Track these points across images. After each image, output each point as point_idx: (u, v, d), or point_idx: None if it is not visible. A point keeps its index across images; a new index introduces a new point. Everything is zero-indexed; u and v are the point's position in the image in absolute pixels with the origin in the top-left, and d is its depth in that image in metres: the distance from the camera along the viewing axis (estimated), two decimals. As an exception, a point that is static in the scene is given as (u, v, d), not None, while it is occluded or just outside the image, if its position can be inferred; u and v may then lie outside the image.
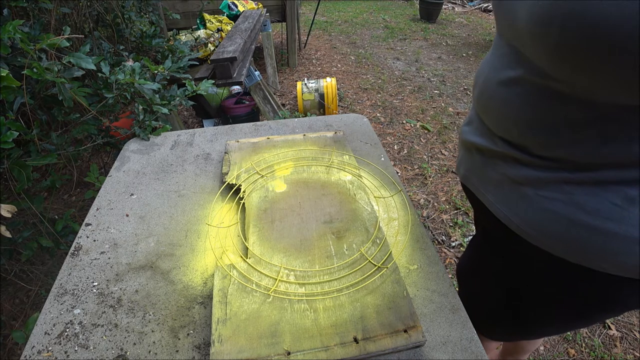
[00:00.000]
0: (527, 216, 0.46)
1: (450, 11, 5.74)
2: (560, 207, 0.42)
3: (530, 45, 0.38)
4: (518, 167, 0.46)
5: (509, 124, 0.45)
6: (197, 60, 1.58)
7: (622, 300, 0.46)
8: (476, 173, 0.55)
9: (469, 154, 0.57)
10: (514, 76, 0.42)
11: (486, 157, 0.52)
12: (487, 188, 0.52)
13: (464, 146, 0.59)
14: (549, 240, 0.45)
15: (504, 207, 0.49)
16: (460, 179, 0.60)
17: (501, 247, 0.57)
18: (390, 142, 2.35)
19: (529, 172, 0.44)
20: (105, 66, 0.87)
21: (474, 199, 0.59)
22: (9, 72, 0.63)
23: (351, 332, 0.45)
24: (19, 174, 0.79)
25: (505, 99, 0.44)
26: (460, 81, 3.22)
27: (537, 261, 0.50)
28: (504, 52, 0.45)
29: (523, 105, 0.42)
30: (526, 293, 0.56)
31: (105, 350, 0.47)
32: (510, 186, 0.48)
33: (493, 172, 0.50)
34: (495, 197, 0.51)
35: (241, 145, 0.80)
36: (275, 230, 0.59)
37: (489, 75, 0.48)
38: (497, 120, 0.47)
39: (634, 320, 1.30)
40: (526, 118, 0.42)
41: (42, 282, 1.19)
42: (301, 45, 3.94)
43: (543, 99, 0.40)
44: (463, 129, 0.59)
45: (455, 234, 1.65)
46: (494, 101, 0.47)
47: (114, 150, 1.12)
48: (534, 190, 0.44)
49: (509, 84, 0.43)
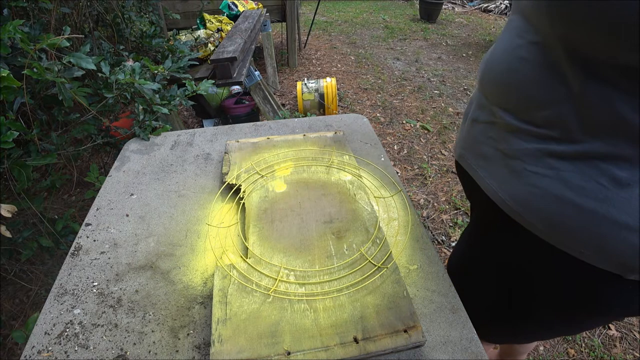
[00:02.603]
0: (514, 191, 0.46)
1: (450, 11, 5.74)
2: (546, 183, 0.42)
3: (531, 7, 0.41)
4: (512, 139, 0.47)
5: (509, 89, 0.46)
6: (197, 60, 1.58)
7: (607, 302, 0.45)
8: (471, 150, 0.56)
9: (467, 131, 0.58)
10: (522, 43, 0.44)
11: (482, 131, 0.53)
12: (479, 164, 0.54)
13: (463, 124, 0.61)
14: (533, 217, 0.45)
15: (494, 182, 0.50)
16: (455, 158, 0.62)
17: (491, 235, 0.58)
18: (390, 142, 2.35)
19: (520, 143, 0.45)
20: (105, 66, 0.87)
21: (466, 178, 0.60)
22: (10, 72, 0.63)
23: (351, 332, 0.45)
24: (19, 174, 0.79)
25: (509, 64, 0.46)
26: (460, 81, 3.22)
27: (525, 252, 0.50)
28: (514, 25, 0.47)
29: (524, 67, 0.43)
30: (515, 289, 0.56)
31: (105, 350, 0.47)
32: (502, 161, 0.49)
33: (487, 148, 0.52)
34: (487, 172, 0.52)
35: (241, 145, 0.80)
36: (275, 230, 0.59)
37: (494, 48, 0.51)
38: (499, 87, 0.49)
39: (633, 321, 1.30)
40: (525, 79, 0.44)
41: (42, 282, 1.19)
42: (301, 45, 3.94)
43: (541, 58, 0.41)
44: (465, 111, 0.61)
45: (455, 234, 1.65)
46: (498, 69, 0.48)
47: (114, 150, 1.12)
48: (524, 164, 0.45)
49: (518, 50, 0.45)
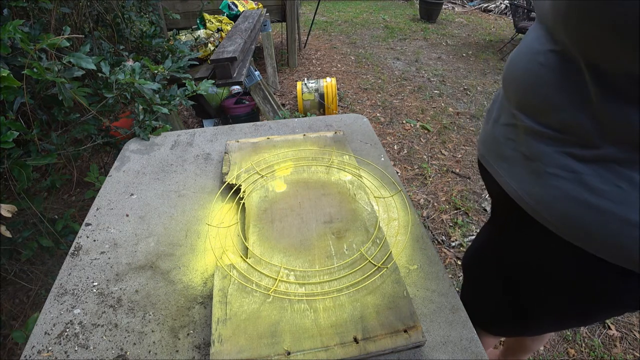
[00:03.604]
0: (535, 192, 0.48)
1: (450, 11, 5.74)
2: (566, 184, 0.44)
3: (551, 20, 0.43)
4: (532, 141, 0.48)
5: (530, 92, 0.48)
6: (197, 60, 1.58)
7: (620, 297, 0.47)
8: (493, 150, 0.58)
9: (489, 132, 0.60)
10: (542, 49, 0.46)
11: (503, 132, 0.55)
12: (500, 165, 0.55)
13: (486, 124, 0.62)
14: (552, 216, 0.46)
15: (514, 181, 0.52)
16: (478, 157, 0.64)
17: (509, 231, 0.59)
18: (390, 142, 2.35)
19: (540, 146, 0.47)
20: (105, 66, 0.87)
21: (488, 178, 0.61)
22: (10, 72, 0.63)
23: (351, 332, 0.45)
24: (19, 174, 0.79)
25: (529, 68, 0.48)
26: (460, 81, 3.22)
27: (542, 247, 0.51)
28: (538, 34, 0.48)
29: (544, 72, 0.45)
30: (529, 283, 0.57)
31: (105, 350, 0.47)
32: (523, 162, 0.50)
33: (507, 149, 0.53)
34: (508, 173, 0.53)
35: (241, 145, 0.80)
36: (275, 230, 0.59)
37: (518, 51, 0.52)
38: (519, 90, 0.50)
39: (634, 320, 1.30)
40: (545, 84, 0.45)
41: (42, 282, 1.19)
42: (301, 45, 3.94)
43: (562, 65, 0.43)
44: (489, 109, 0.63)
45: (455, 234, 1.65)
46: (519, 71, 0.50)
47: (114, 150, 1.12)
48: (544, 166, 0.47)
49: (535, 54, 0.47)
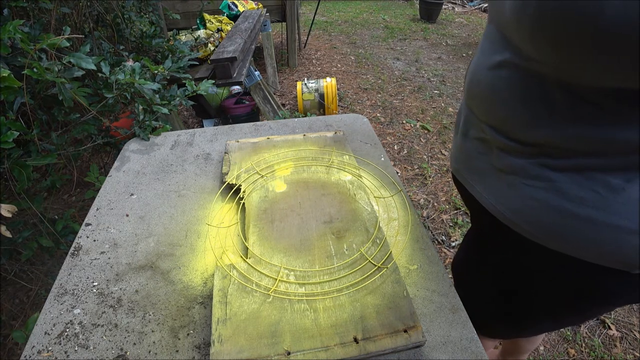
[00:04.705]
0: (512, 204, 0.47)
1: (450, 11, 5.73)
2: (543, 195, 0.42)
3: (514, 30, 0.39)
4: (503, 155, 0.47)
5: (495, 108, 0.46)
6: (197, 60, 1.58)
7: (611, 292, 0.46)
8: (465, 164, 0.56)
9: (459, 145, 0.58)
10: (501, 60, 0.43)
11: (474, 147, 0.53)
12: (474, 179, 0.54)
13: (455, 136, 0.60)
14: (532, 227, 0.45)
15: (491, 196, 0.50)
16: (452, 172, 0.62)
17: (492, 240, 0.58)
18: (390, 142, 2.35)
19: (513, 160, 0.45)
20: (105, 66, 0.87)
21: (464, 191, 0.60)
22: (10, 72, 0.63)
23: (351, 332, 0.45)
24: (19, 174, 0.79)
25: (492, 83, 0.45)
26: (460, 81, 3.21)
27: (526, 252, 0.50)
28: (493, 38, 0.46)
29: (508, 88, 0.43)
30: (518, 287, 0.56)
31: (105, 350, 0.47)
32: (497, 175, 0.49)
33: (480, 163, 0.51)
34: (483, 187, 0.52)
35: (241, 145, 0.80)
36: (275, 230, 0.59)
37: (478, 61, 0.49)
38: (484, 105, 0.48)
39: (634, 320, 1.30)
40: (510, 100, 0.43)
41: (42, 282, 1.19)
42: (301, 45, 3.94)
43: (526, 81, 0.41)
44: (456, 121, 0.61)
45: (455, 234, 1.65)
46: (481, 86, 0.48)
47: (114, 150, 1.12)
48: (519, 179, 0.45)
49: (496, 67, 0.44)
